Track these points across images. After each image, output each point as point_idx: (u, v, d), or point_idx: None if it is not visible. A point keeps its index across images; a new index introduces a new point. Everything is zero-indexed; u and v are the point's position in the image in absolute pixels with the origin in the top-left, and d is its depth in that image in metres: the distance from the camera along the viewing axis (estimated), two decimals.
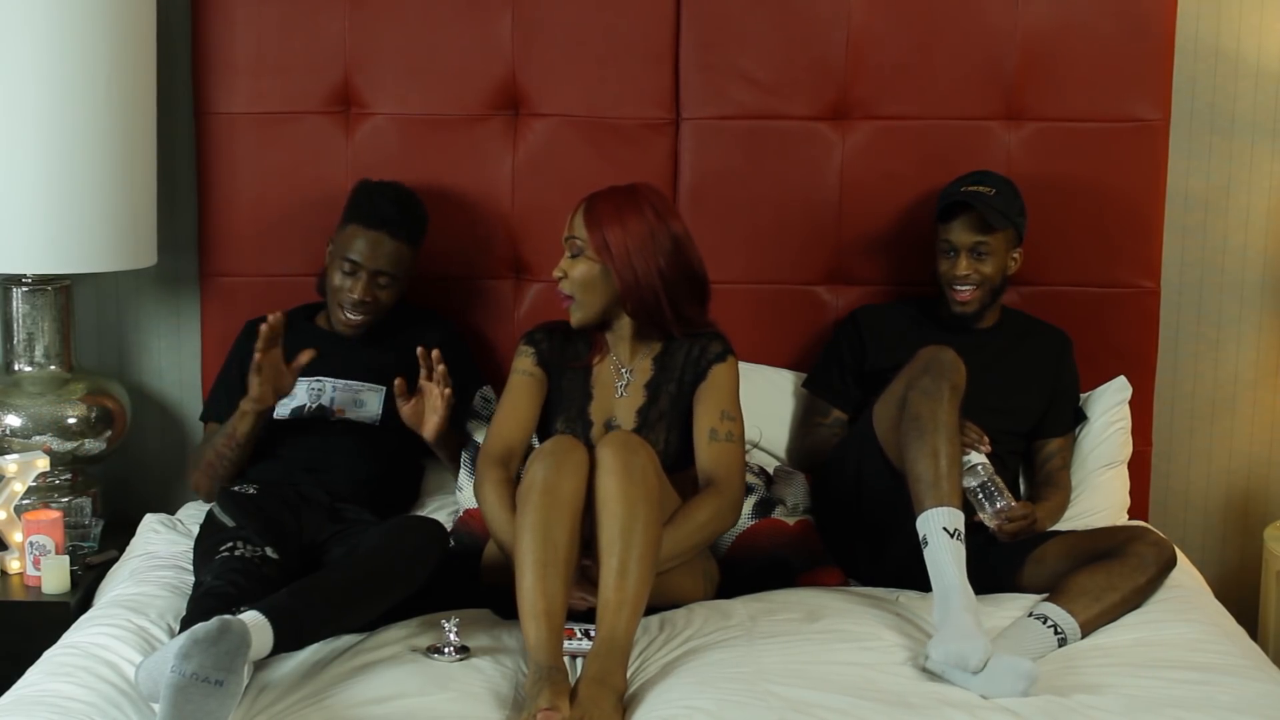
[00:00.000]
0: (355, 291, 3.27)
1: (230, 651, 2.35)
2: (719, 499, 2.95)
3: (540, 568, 2.67)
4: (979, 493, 2.99)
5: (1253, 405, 3.84)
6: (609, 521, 2.72)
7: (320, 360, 3.22)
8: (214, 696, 2.32)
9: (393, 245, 3.28)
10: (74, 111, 3.27)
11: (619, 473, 2.74)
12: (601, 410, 3.08)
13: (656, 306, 3.00)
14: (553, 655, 2.60)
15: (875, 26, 3.55)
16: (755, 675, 2.58)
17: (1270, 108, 3.73)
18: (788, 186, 3.59)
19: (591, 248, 2.99)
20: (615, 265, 2.97)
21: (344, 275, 3.28)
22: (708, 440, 3.01)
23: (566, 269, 3.02)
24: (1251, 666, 2.72)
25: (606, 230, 2.97)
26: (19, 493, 3.29)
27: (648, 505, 2.73)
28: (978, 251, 3.27)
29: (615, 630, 2.63)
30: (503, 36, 3.57)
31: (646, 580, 2.69)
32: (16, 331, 3.50)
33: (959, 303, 3.31)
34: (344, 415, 3.31)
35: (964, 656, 2.57)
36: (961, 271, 3.28)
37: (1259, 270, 3.78)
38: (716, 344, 3.07)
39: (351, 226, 3.30)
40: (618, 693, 2.55)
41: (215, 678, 2.32)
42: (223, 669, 2.33)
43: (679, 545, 2.88)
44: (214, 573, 2.78)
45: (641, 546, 2.69)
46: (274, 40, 3.57)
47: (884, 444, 3.05)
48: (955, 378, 2.94)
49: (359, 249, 3.26)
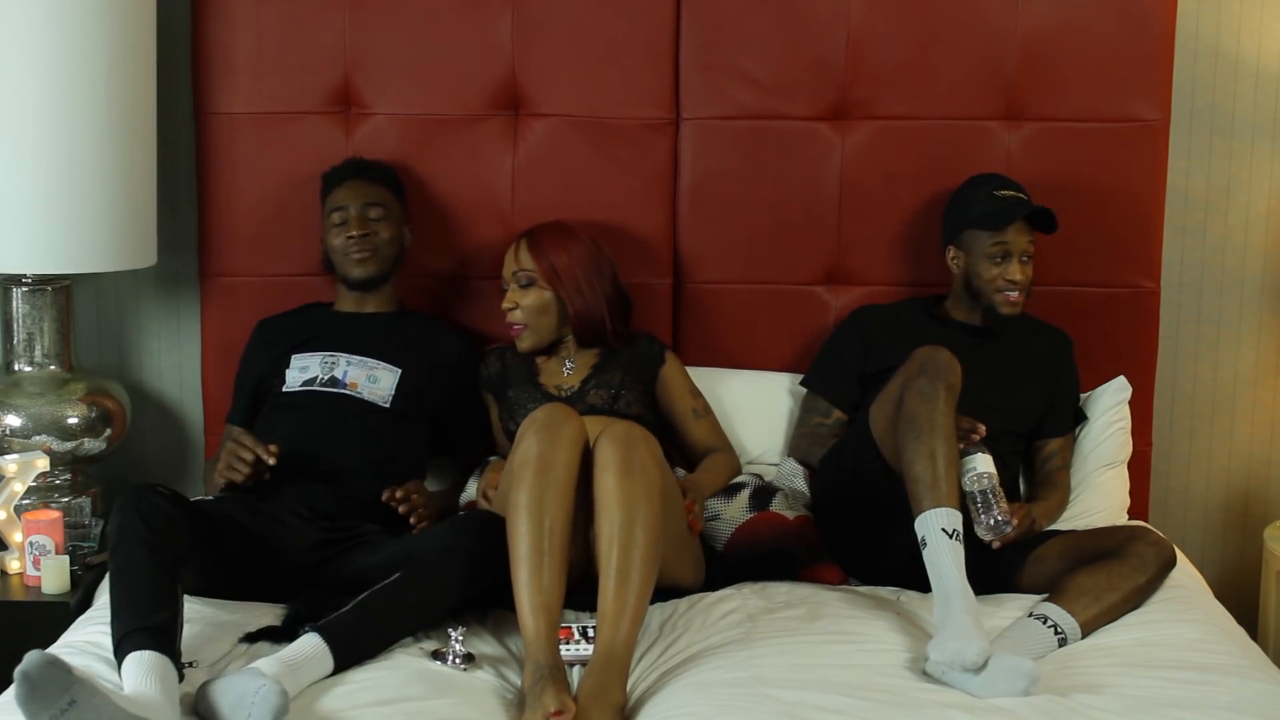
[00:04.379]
0: (352, 230, 3.34)
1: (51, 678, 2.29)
2: (730, 454, 3.36)
3: (536, 556, 2.66)
4: (977, 499, 2.96)
5: (1253, 405, 3.84)
6: (607, 522, 2.69)
7: (336, 338, 3.35)
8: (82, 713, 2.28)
9: (369, 184, 3.40)
10: (74, 111, 3.27)
11: (618, 469, 2.72)
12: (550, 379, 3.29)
13: (601, 323, 3.29)
14: (551, 652, 2.59)
15: (875, 26, 3.55)
16: (754, 679, 2.58)
17: (1270, 108, 3.73)
18: (788, 186, 3.58)
19: (542, 276, 3.26)
20: (565, 290, 3.26)
21: (338, 228, 3.38)
22: (694, 420, 3.36)
23: (518, 300, 3.28)
24: (1251, 666, 2.72)
25: (554, 258, 3.27)
26: (19, 493, 3.29)
27: (649, 503, 2.71)
28: (1027, 255, 3.29)
29: (615, 643, 2.60)
30: (503, 36, 3.57)
31: (648, 584, 2.67)
32: (16, 331, 3.50)
33: (1010, 304, 3.30)
34: (357, 389, 3.31)
35: (964, 657, 2.56)
36: (1015, 276, 3.28)
37: (1259, 270, 3.78)
38: (655, 344, 3.39)
39: (329, 194, 3.42)
40: (616, 706, 2.53)
41: (63, 705, 2.28)
42: (64, 690, 2.29)
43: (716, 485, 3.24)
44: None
45: (642, 548, 2.67)
46: (274, 40, 3.57)
47: (881, 445, 3.05)
48: (951, 378, 2.93)
49: (340, 198, 3.39)
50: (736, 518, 3.19)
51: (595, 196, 3.58)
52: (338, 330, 3.38)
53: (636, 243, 3.60)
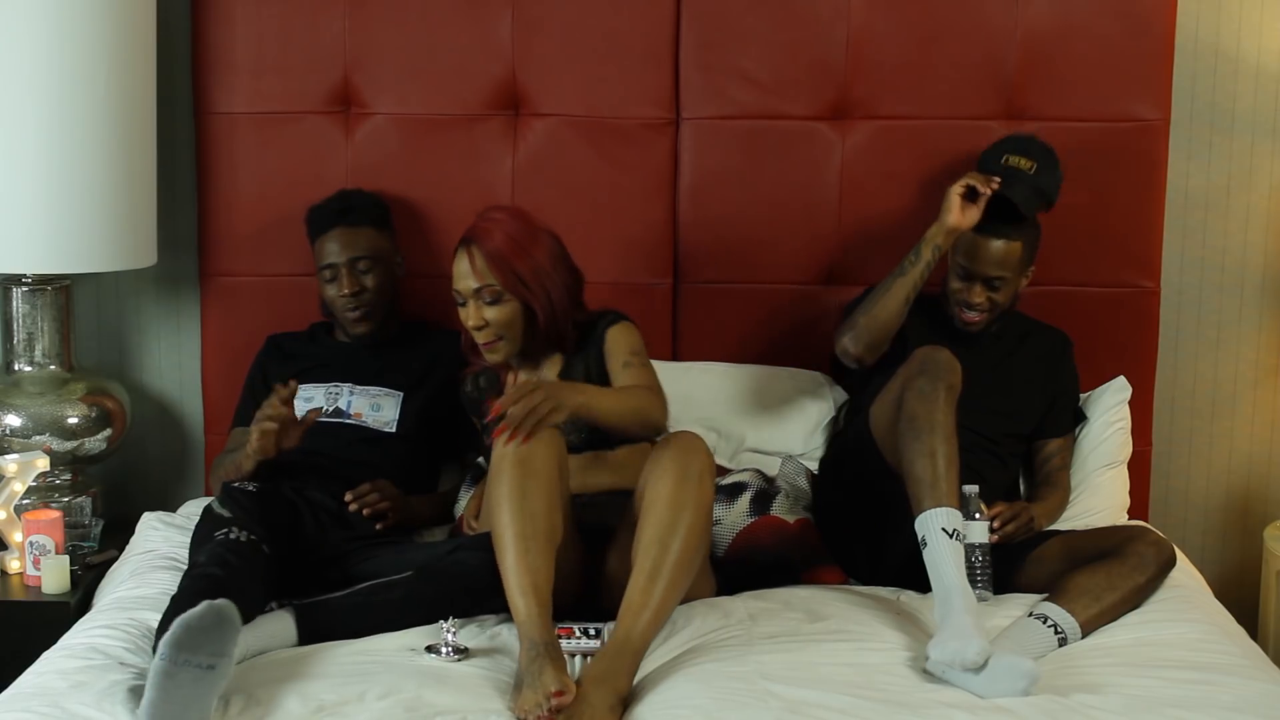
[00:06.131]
0: (343, 288, 3.33)
1: (221, 636, 2.35)
2: (649, 394, 2.97)
3: (521, 541, 2.65)
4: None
5: (1253, 405, 3.84)
6: (651, 523, 2.68)
7: (338, 368, 3.32)
8: (204, 681, 2.32)
9: (353, 233, 3.35)
10: (74, 111, 3.27)
11: (675, 474, 2.71)
12: None
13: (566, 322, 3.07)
14: (545, 630, 2.58)
15: (875, 26, 3.55)
16: (754, 674, 2.58)
17: (1270, 108, 3.73)
18: (788, 186, 3.59)
19: (508, 290, 3.00)
20: (536, 298, 3.02)
21: (328, 283, 3.36)
22: (622, 370, 3.04)
23: (486, 317, 3.03)
24: (1251, 666, 2.72)
25: (517, 266, 3.00)
26: (19, 493, 3.29)
27: (696, 511, 2.70)
28: (993, 285, 3.24)
29: (632, 632, 2.59)
30: (503, 36, 3.57)
31: (678, 588, 2.66)
32: (16, 331, 3.50)
33: (966, 323, 3.29)
34: (361, 419, 3.32)
35: (964, 656, 2.56)
36: (976, 299, 3.25)
37: (1259, 270, 3.78)
38: (607, 316, 3.12)
39: (315, 244, 3.40)
40: (618, 695, 2.52)
41: (206, 663, 2.32)
42: (214, 654, 2.33)
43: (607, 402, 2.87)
44: (206, 554, 2.78)
45: (679, 553, 2.66)
46: (274, 40, 3.57)
47: (881, 445, 3.05)
48: (951, 378, 2.93)
49: (327, 253, 3.36)
50: (738, 523, 3.18)
51: (595, 196, 3.59)
52: (339, 361, 3.38)
53: (636, 243, 3.60)
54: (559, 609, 2.73)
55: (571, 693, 2.45)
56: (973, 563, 2.95)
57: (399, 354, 3.42)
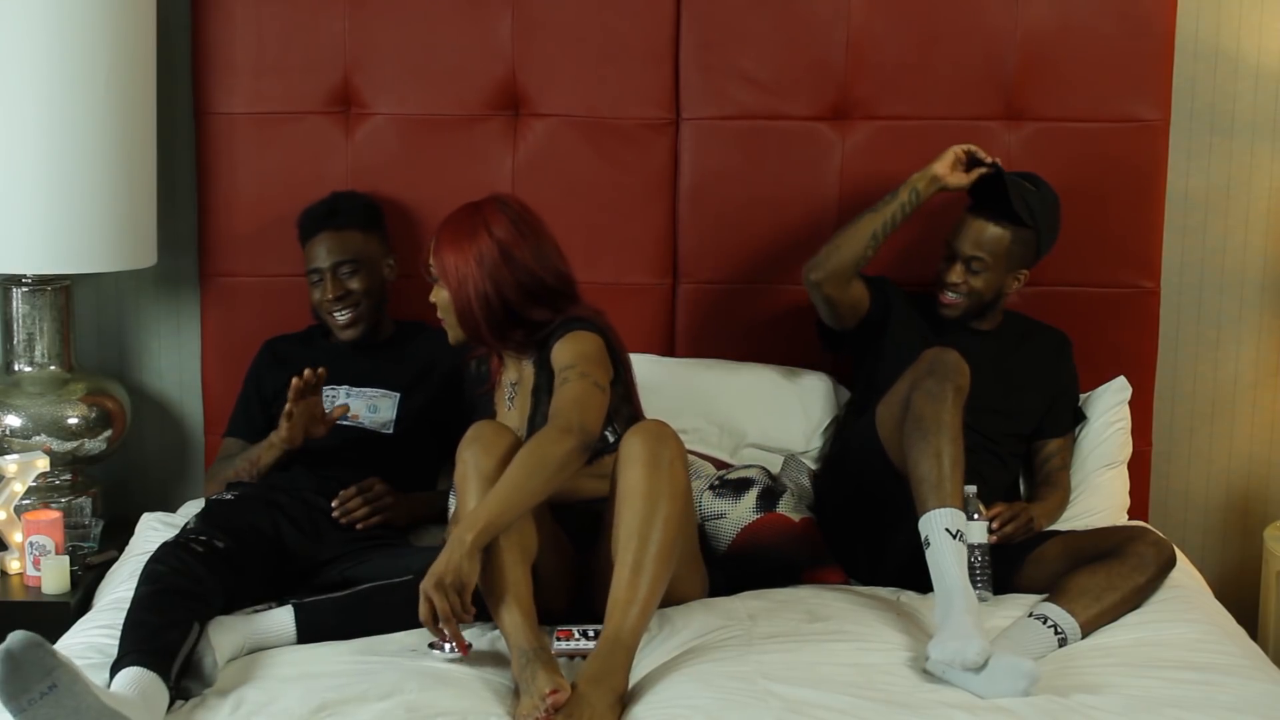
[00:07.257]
0: (328, 293, 3.32)
1: (34, 657, 2.29)
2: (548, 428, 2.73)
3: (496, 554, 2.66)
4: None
5: (1253, 405, 3.84)
6: (628, 515, 2.67)
7: (335, 371, 3.29)
8: (62, 700, 2.28)
9: (338, 237, 3.34)
10: (74, 111, 3.27)
11: (645, 463, 2.69)
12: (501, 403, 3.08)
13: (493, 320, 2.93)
14: (532, 637, 2.59)
15: (875, 26, 3.55)
16: (754, 674, 2.58)
17: (1270, 108, 3.73)
18: (788, 186, 3.59)
19: (440, 275, 2.96)
20: (451, 288, 2.92)
21: (315, 286, 3.36)
22: (559, 387, 2.82)
23: (436, 296, 3.00)
24: (1251, 666, 2.72)
25: (444, 255, 2.94)
26: (19, 493, 3.29)
27: (671, 500, 2.69)
28: (972, 268, 3.26)
29: (622, 629, 2.59)
30: (503, 36, 3.57)
31: (661, 580, 2.65)
32: (16, 331, 3.50)
33: (944, 305, 3.31)
34: (359, 420, 3.32)
35: (964, 656, 2.57)
36: (954, 278, 3.27)
37: (1259, 270, 3.78)
38: (566, 326, 2.91)
39: (305, 245, 3.39)
40: (616, 693, 2.52)
41: (45, 686, 2.28)
42: (43, 674, 2.29)
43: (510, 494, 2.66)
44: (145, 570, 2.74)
45: (659, 544, 2.65)
46: (274, 40, 3.58)
47: (886, 445, 3.05)
48: (959, 379, 2.94)
49: (313, 257, 3.35)
50: (743, 518, 3.18)
51: (595, 196, 3.59)
52: (336, 363, 3.33)
53: (636, 243, 3.60)
54: (554, 615, 2.75)
55: (565, 690, 2.46)
56: (972, 563, 2.96)
57: (396, 354, 3.41)
